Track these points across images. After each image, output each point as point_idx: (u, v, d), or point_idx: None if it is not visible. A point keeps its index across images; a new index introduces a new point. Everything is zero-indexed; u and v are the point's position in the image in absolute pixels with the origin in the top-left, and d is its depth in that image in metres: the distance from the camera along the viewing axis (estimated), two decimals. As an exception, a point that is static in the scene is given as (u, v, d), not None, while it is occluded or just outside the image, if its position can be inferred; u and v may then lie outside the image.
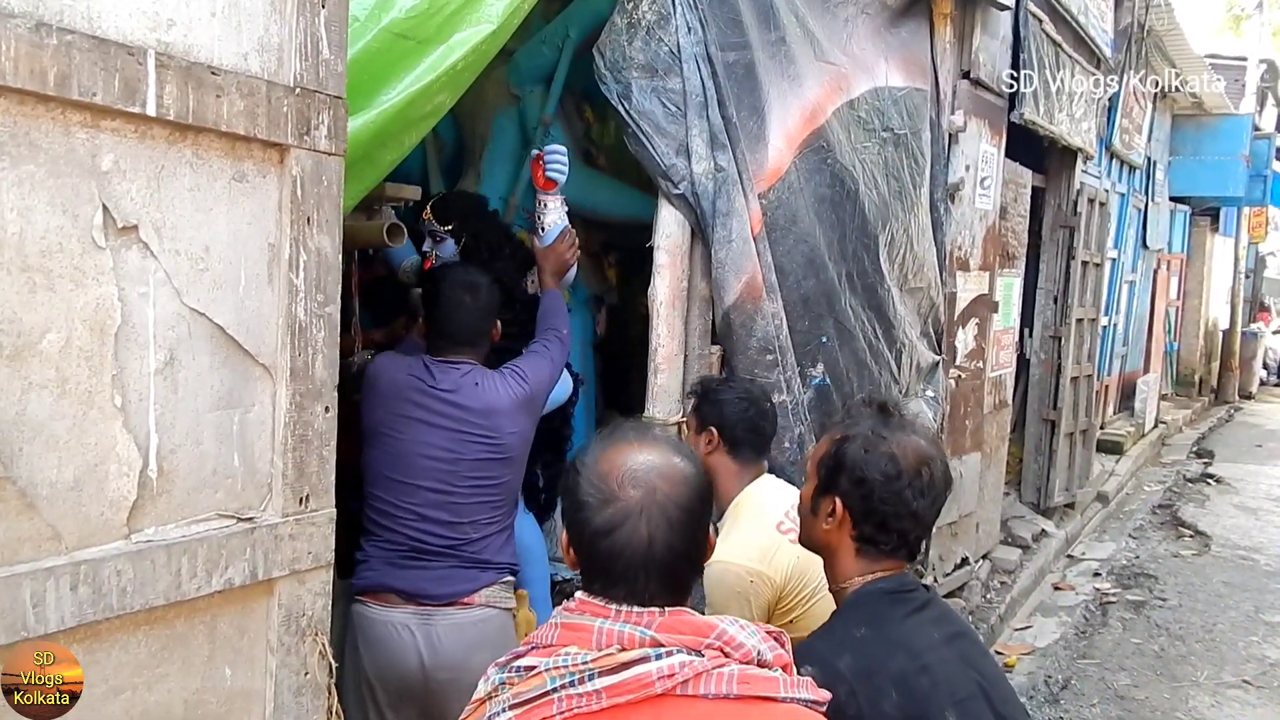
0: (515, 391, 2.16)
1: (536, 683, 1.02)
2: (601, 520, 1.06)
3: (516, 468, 2.20)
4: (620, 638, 1.02)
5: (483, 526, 2.13)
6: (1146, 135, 7.92)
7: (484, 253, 2.66)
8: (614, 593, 1.06)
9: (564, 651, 1.03)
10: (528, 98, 3.44)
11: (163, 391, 1.20)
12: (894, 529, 1.34)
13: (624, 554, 1.05)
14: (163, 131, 1.18)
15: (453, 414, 2.08)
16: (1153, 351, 9.73)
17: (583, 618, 1.06)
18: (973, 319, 4.43)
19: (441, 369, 2.13)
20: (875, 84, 3.44)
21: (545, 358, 2.32)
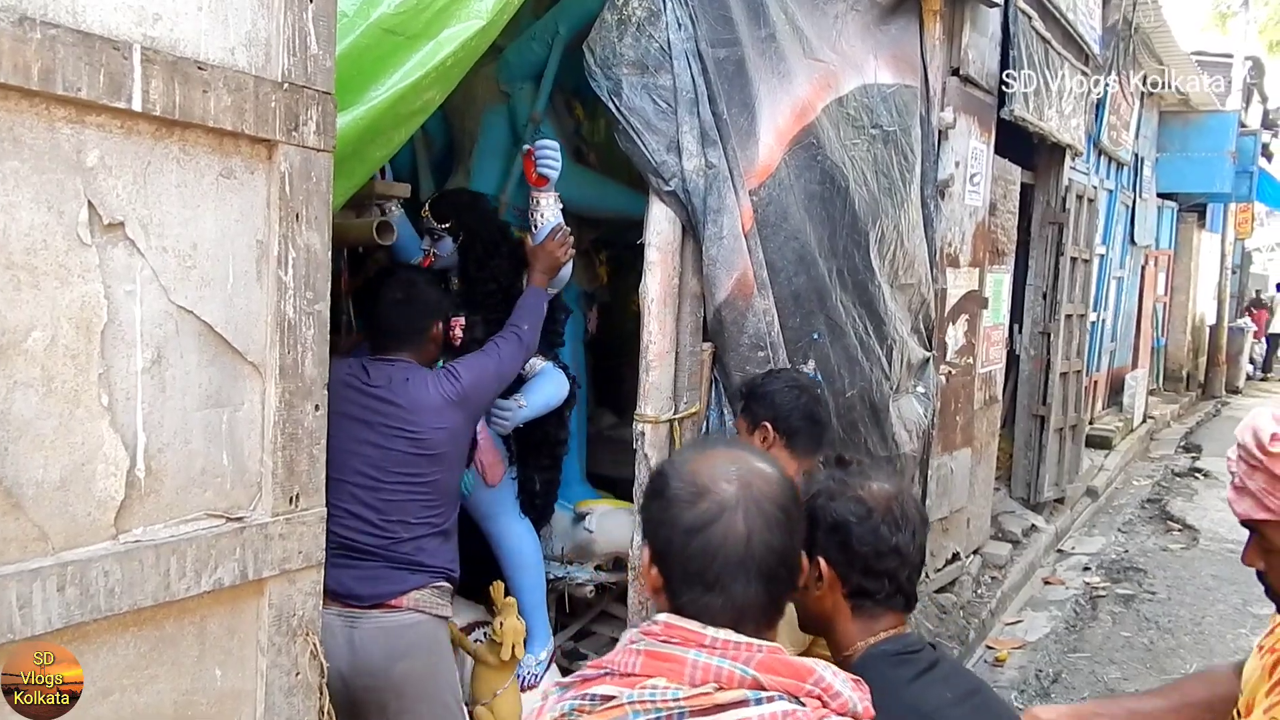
0: (444, 388, 2.13)
1: (616, 715, 0.92)
2: (694, 515, 0.98)
3: (447, 466, 2.16)
4: (718, 674, 0.92)
5: (414, 526, 2.10)
6: (1134, 132, 7.96)
7: (480, 250, 2.65)
8: (709, 604, 0.96)
9: (650, 684, 0.92)
10: (517, 95, 3.43)
11: (150, 390, 1.19)
12: (881, 571, 1.27)
13: (720, 551, 0.97)
14: (149, 127, 1.17)
15: (381, 409, 2.08)
16: (1141, 347, 9.78)
17: (672, 646, 0.95)
18: (963, 315, 4.44)
19: (376, 366, 2.14)
20: (864, 81, 3.44)
21: (491, 356, 2.28)
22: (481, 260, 2.68)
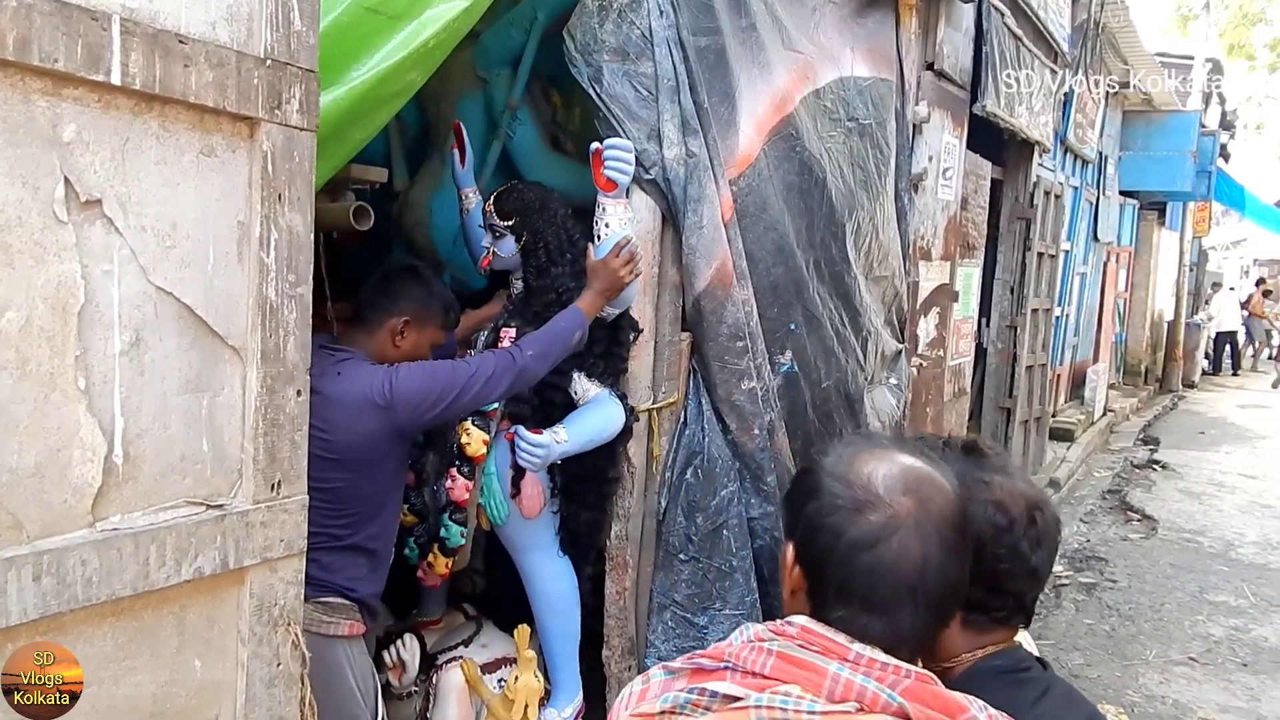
0: (371, 386, 1.86)
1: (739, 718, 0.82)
2: (862, 529, 0.87)
3: (356, 475, 1.87)
4: (861, 693, 0.83)
5: (310, 535, 1.83)
6: (1099, 130, 8.09)
7: (543, 256, 2.41)
8: (867, 625, 0.87)
9: (783, 690, 0.83)
10: (494, 81, 3.39)
11: (128, 373, 1.15)
12: (1009, 590, 1.10)
13: (891, 574, 0.86)
14: (127, 102, 1.13)
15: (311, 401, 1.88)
16: (1102, 342, 9.98)
17: (811, 654, 0.85)
18: (934, 308, 4.49)
19: (320, 354, 1.87)
20: (841, 74, 3.45)
21: (457, 373, 1.96)
22: (543, 267, 2.41)
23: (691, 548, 2.66)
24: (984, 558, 1.06)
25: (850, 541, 0.86)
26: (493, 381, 1.99)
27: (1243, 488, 7.43)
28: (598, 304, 2.25)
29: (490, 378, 1.98)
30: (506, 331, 2.36)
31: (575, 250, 2.42)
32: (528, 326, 2.31)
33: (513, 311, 2.43)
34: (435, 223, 3.41)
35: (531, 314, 2.36)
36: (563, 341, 2.16)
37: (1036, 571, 1.12)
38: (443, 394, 1.92)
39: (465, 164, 2.73)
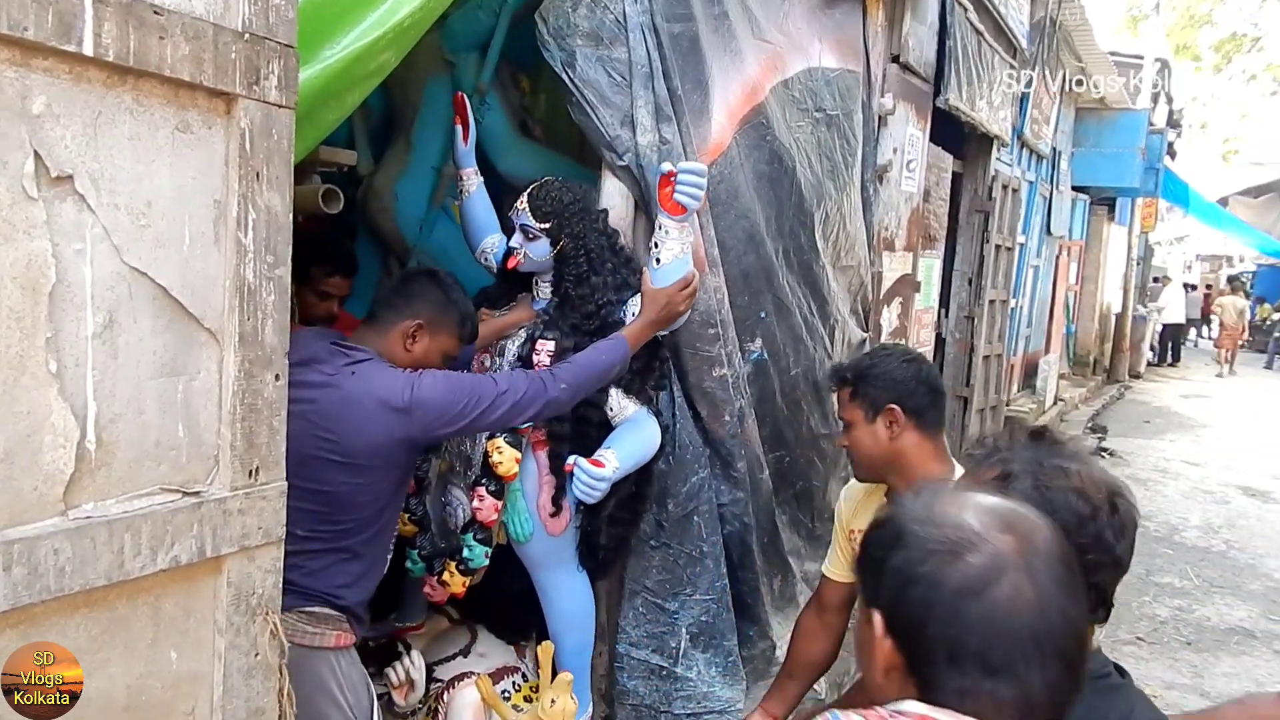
0: (388, 391, 1.72)
1: None
2: (966, 573, 0.74)
3: (359, 480, 1.74)
4: None
5: (298, 539, 1.69)
6: (1054, 126, 8.25)
7: (583, 264, 2.24)
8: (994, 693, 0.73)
9: None
10: (462, 65, 3.34)
11: (101, 356, 1.11)
12: (1094, 583, 0.97)
13: (1009, 622, 0.73)
14: (100, 74, 1.09)
15: (313, 397, 1.71)
16: (1053, 333, 10.22)
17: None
18: (897, 298, 4.55)
19: (332, 352, 1.78)
20: (810, 64, 3.47)
21: (483, 388, 1.82)
22: (583, 276, 2.24)
23: (662, 534, 2.67)
24: None
25: (954, 590, 0.74)
26: (519, 407, 1.86)
27: (1186, 474, 7.68)
28: (645, 336, 2.12)
29: (517, 402, 1.85)
30: (543, 344, 2.20)
31: (617, 259, 2.30)
32: (566, 340, 2.18)
33: (549, 322, 2.27)
34: (401, 209, 3.36)
35: (569, 326, 2.23)
36: (601, 377, 2.03)
37: (1120, 560, 1.07)
38: (465, 409, 1.79)
39: (468, 141, 2.61)
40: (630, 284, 2.27)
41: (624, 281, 2.26)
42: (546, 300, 2.34)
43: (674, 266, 2.16)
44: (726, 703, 2.74)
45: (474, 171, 2.62)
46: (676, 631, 2.67)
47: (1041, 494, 1.03)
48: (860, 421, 1.85)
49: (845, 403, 1.90)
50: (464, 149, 2.57)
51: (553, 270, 2.29)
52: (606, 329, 2.17)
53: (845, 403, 1.90)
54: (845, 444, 1.92)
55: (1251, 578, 5.24)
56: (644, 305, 2.14)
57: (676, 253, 2.16)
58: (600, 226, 2.31)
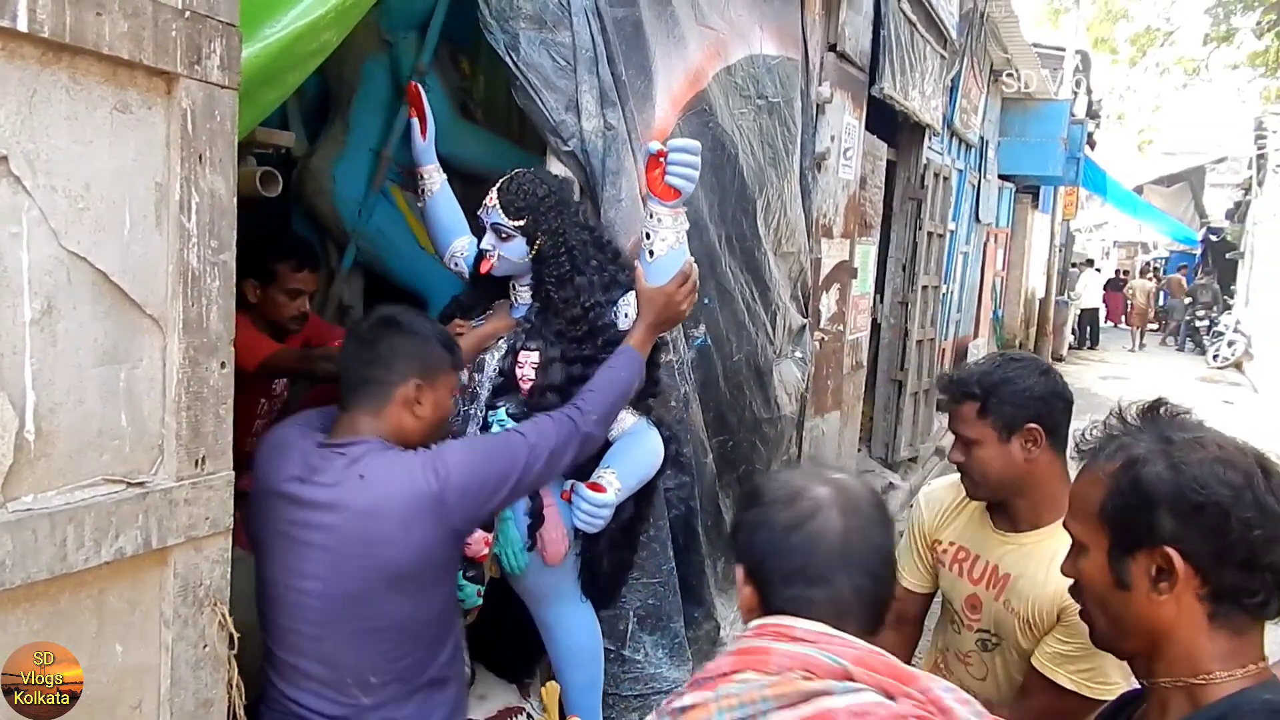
0: (418, 489, 1.46)
1: (703, 715, 0.87)
2: (792, 513, 0.98)
3: (419, 597, 1.51)
4: (805, 662, 0.88)
5: (376, 690, 1.50)
6: (981, 116, 8.48)
7: (565, 263, 2.03)
8: (811, 597, 0.94)
9: (739, 678, 0.88)
10: (400, 44, 3.29)
11: (40, 344, 1.08)
12: (1268, 565, 0.90)
13: (819, 545, 0.96)
14: (34, 51, 1.04)
15: (327, 522, 1.45)
16: (982, 318, 10.54)
17: (763, 640, 0.92)
18: (835, 284, 4.65)
19: (325, 456, 1.50)
20: (751, 51, 3.51)
21: (515, 449, 1.59)
22: (565, 277, 2.03)
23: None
24: (1230, 529, 0.90)
25: (783, 526, 0.98)
26: (556, 455, 1.64)
27: (1105, 453, 8.02)
28: (651, 340, 1.91)
29: (553, 452, 1.63)
30: (526, 355, 2.01)
31: (603, 255, 2.12)
32: (552, 350, 2.00)
33: (531, 330, 2.06)
34: (339, 191, 3.29)
35: (554, 333, 2.04)
36: (625, 397, 1.85)
37: None
38: (503, 478, 1.55)
39: (426, 136, 2.36)
40: (620, 281, 2.08)
41: (612, 279, 2.07)
42: (526, 305, 2.13)
43: (670, 259, 1.91)
44: (673, 683, 2.79)
45: (436, 169, 2.40)
46: (624, 614, 2.69)
47: (1180, 473, 0.93)
48: (991, 441, 1.62)
49: (970, 419, 1.64)
50: (422, 144, 2.36)
51: (531, 272, 2.09)
52: (595, 333, 2.00)
53: (970, 419, 1.64)
54: (960, 461, 1.69)
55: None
56: (642, 307, 1.92)
57: (671, 243, 1.91)
58: (581, 220, 2.14)
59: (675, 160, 1.85)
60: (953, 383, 1.71)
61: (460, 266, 2.37)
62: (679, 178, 1.85)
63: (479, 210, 2.11)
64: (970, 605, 1.72)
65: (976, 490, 1.69)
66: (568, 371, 1.98)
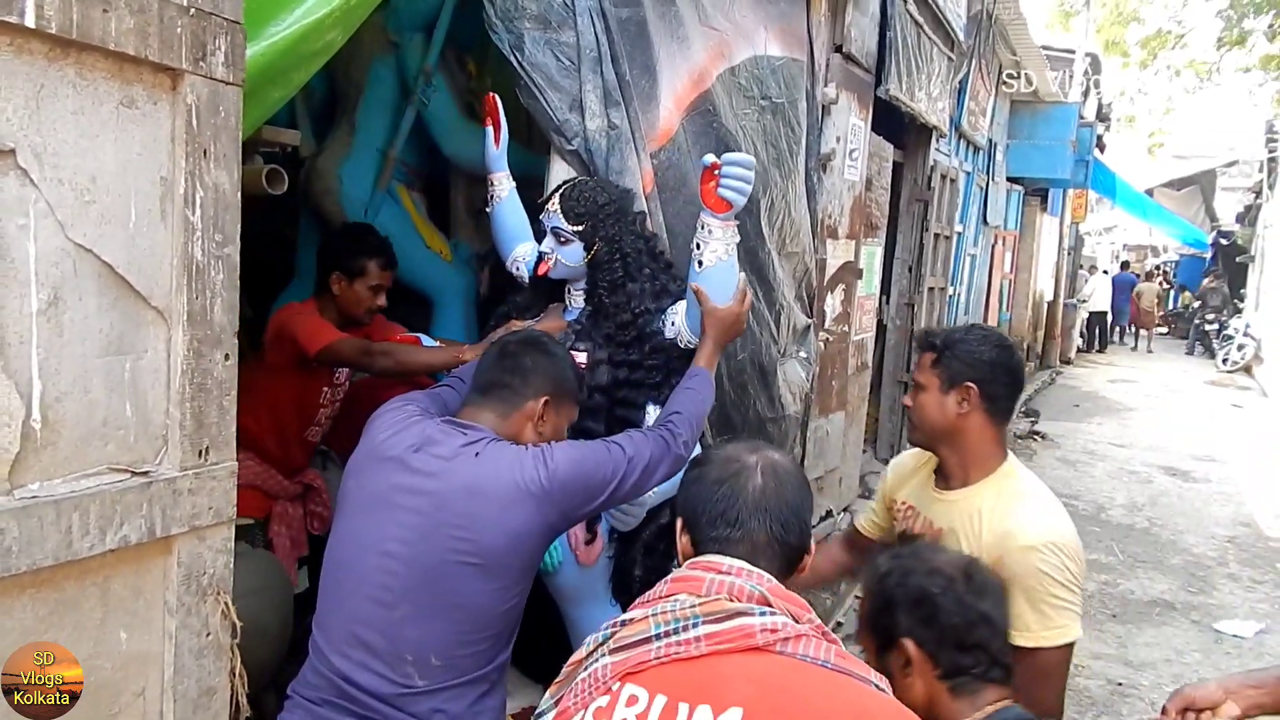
0: (526, 475, 1.48)
1: (641, 628, 1.07)
2: (719, 471, 1.20)
3: (500, 584, 1.49)
4: (731, 588, 1.08)
5: (435, 672, 1.46)
6: (989, 118, 8.48)
7: (618, 269, 2.09)
8: (730, 536, 1.14)
9: (673, 599, 1.08)
10: (407, 46, 3.32)
11: (47, 334, 1.10)
12: (973, 643, 1.23)
13: (741, 495, 1.17)
14: (42, 46, 1.07)
15: (430, 488, 1.48)
16: (989, 320, 10.51)
17: (695, 571, 1.11)
18: (840, 285, 4.65)
19: (446, 431, 1.55)
20: (755, 52, 3.52)
21: (615, 457, 1.61)
22: (618, 283, 2.09)
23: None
24: (939, 621, 1.24)
25: (712, 481, 1.20)
26: (649, 471, 1.66)
27: (1112, 455, 8.01)
28: (717, 356, 1.97)
29: (647, 467, 1.65)
30: (574, 355, 2.01)
31: (656, 265, 2.18)
32: (600, 352, 2.04)
33: (580, 332, 2.10)
34: (346, 191, 3.32)
35: (602, 336, 2.08)
36: (705, 417, 1.88)
37: (988, 617, 1.25)
38: (604, 482, 1.58)
39: (500, 144, 2.44)
40: (670, 290, 2.13)
41: (663, 288, 2.12)
42: (579, 309, 2.19)
43: (719, 270, 1.96)
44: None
45: (506, 176, 2.45)
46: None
47: (904, 580, 1.28)
48: (934, 389, 1.80)
49: (925, 367, 1.84)
50: (495, 152, 2.42)
51: (586, 277, 2.14)
52: (643, 340, 2.05)
53: (925, 367, 1.84)
54: (909, 404, 1.90)
55: (1172, 553, 5.50)
56: (710, 326, 1.97)
57: (721, 254, 1.95)
58: (637, 229, 2.18)
59: (729, 174, 1.88)
60: (925, 335, 1.93)
61: (521, 271, 2.43)
62: (732, 190, 1.89)
63: (540, 215, 2.18)
64: None
65: (914, 432, 1.89)
66: (614, 374, 2.04)
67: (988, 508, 1.69)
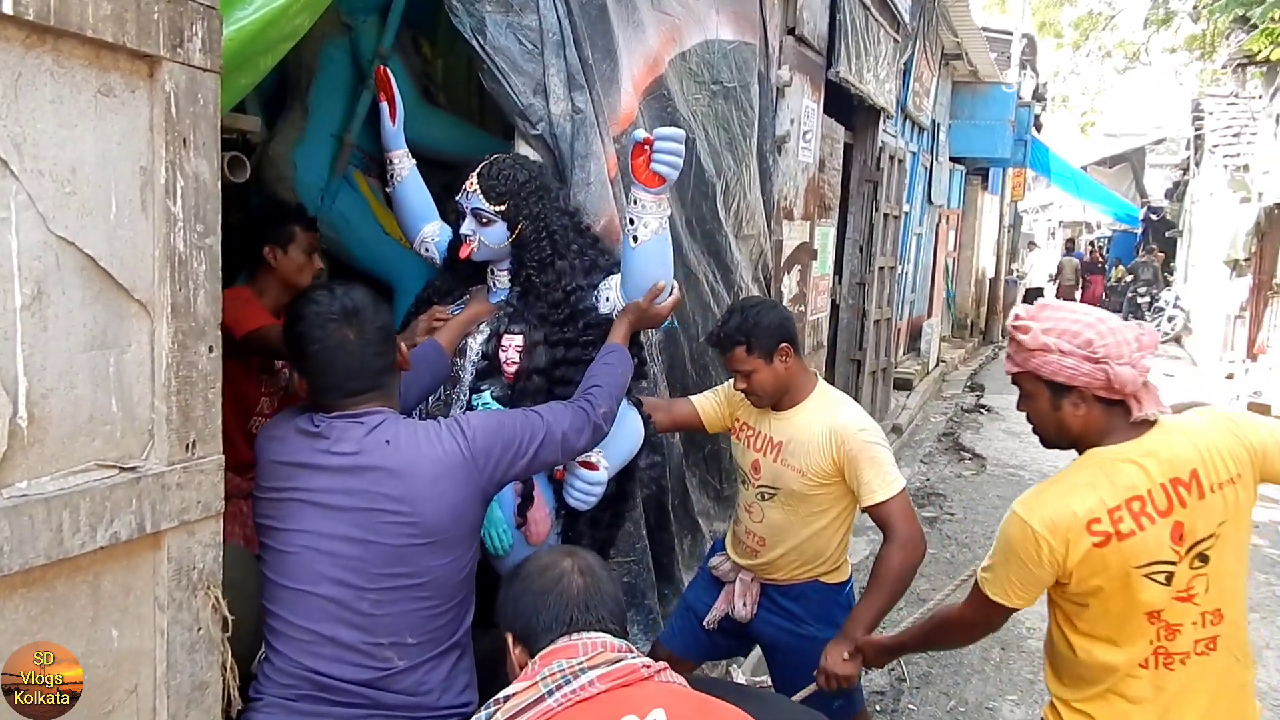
0: (446, 447, 1.53)
1: (530, 693, 1.19)
2: (541, 583, 1.34)
3: (454, 554, 1.55)
4: (604, 643, 1.27)
5: (412, 650, 1.52)
6: (933, 99, 8.64)
7: (545, 247, 2.06)
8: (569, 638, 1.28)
9: (554, 664, 1.22)
10: (360, 28, 3.25)
11: (31, 329, 1.07)
12: None
13: (566, 599, 1.32)
14: (19, 34, 1.04)
15: (355, 486, 1.49)
16: (934, 298, 10.76)
17: (561, 645, 1.27)
18: (795, 265, 4.72)
19: (340, 426, 1.52)
20: (706, 36, 3.53)
21: (531, 422, 1.67)
22: (546, 261, 2.06)
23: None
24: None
25: (538, 591, 1.34)
26: (569, 439, 1.72)
27: (1054, 426, 8.28)
28: (629, 338, 2.02)
29: (566, 434, 1.71)
30: (510, 339, 2.03)
31: (584, 240, 2.16)
32: (535, 333, 2.03)
33: (513, 314, 2.07)
34: (300, 177, 3.25)
35: (536, 317, 2.06)
36: (623, 390, 1.94)
37: None
38: (522, 444, 1.63)
39: (396, 121, 2.37)
40: (600, 265, 2.14)
41: (593, 263, 2.12)
42: (506, 290, 2.14)
43: (653, 244, 1.97)
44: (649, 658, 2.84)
45: (405, 154, 2.40)
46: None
47: None
48: (762, 368, 2.21)
49: (743, 358, 2.22)
50: (392, 129, 2.37)
51: (510, 257, 2.10)
52: (577, 316, 2.06)
53: (743, 358, 2.22)
54: (744, 388, 2.27)
55: (1112, 517, 5.72)
56: (629, 311, 2.03)
57: (655, 229, 1.96)
58: (561, 205, 2.17)
59: (661, 148, 1.89)
60: (721, 338, 2.27)
61: (431, 252, 2.38)
62: (664, 165, 1.89)
63: (457, 195, 2.11)
64: (754, 468, 2.34)
65: (761, 402, 2.29)
66: (551, 355, 2.02)
67: (817, 418, 2.22)
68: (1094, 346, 1.54)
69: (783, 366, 2.21)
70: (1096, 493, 1.54)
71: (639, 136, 1.92)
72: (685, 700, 1.22)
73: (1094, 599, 1.56)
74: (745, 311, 2.26)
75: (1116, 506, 1.52)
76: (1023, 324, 1.64)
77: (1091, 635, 1.59)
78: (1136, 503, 1.52)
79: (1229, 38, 11.24)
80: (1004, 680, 3.59)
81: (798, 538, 2.30)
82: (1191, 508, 1.52)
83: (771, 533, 2.33)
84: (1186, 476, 1.53)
